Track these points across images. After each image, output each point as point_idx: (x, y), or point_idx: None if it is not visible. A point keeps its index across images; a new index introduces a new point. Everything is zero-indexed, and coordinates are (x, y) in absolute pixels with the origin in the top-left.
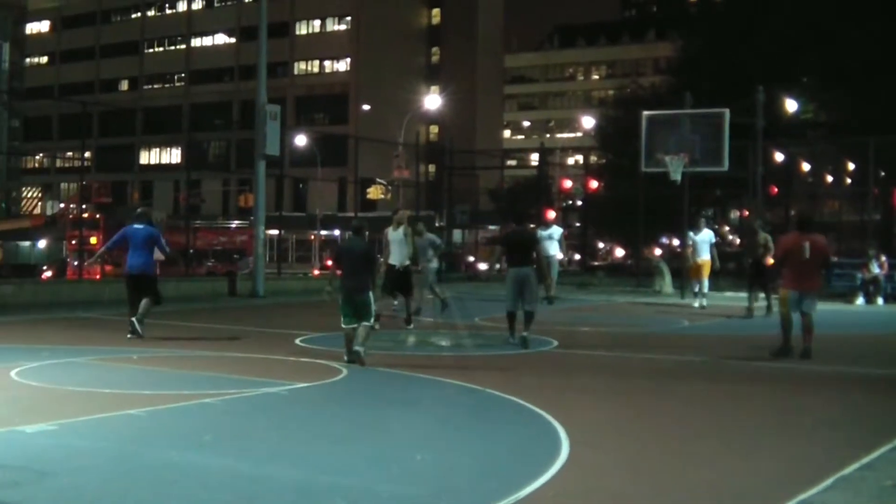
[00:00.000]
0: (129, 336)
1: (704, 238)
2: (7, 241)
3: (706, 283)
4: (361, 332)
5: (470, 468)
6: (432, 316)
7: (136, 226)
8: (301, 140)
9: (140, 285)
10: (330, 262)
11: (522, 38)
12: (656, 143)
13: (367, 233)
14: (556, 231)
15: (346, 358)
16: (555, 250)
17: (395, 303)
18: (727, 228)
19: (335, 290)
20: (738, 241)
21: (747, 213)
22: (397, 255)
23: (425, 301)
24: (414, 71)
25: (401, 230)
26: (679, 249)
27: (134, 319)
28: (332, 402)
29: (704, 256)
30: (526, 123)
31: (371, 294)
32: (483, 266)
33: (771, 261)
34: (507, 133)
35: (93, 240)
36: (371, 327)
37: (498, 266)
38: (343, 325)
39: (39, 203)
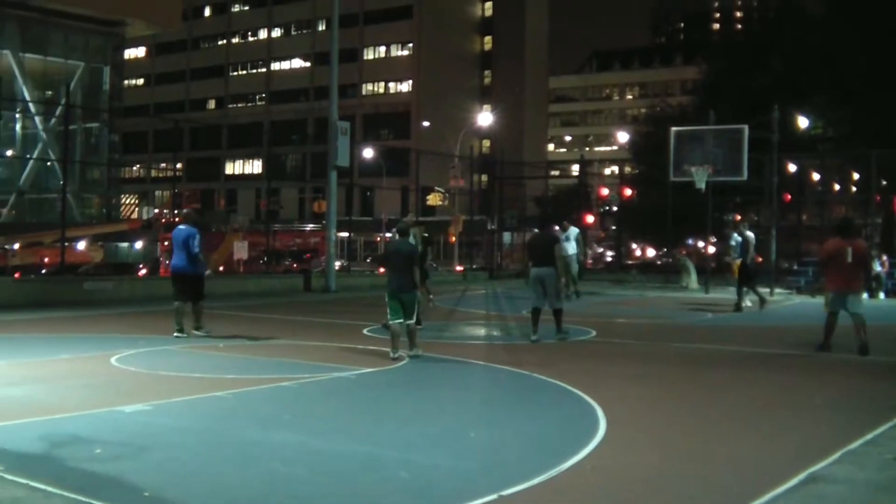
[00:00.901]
0: (175, 335)
1: (749, 240)
2: (108, 243)
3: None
4: (410, 335)
5: (518, 444)
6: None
7: (180, 227)
8: (368, 153)
9: (181, 283)
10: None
11: (565, 63)
12: (683, 156)
13: (413, 233)
14: (573, 232)
15: (391, 354)
16: (572, 250)
17: (432, 297)
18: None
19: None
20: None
21: (739, 217)
22: None
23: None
24: (468, 91)
25: (410, 234)
26: (703, 250)
27: (193, 330)
28: (395, 385)
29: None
30: (568, 138)
31: (416, 293)
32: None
33: (760, 259)
34: (550, 146)
35: None
36: (416, 325)
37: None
38: (389, 321)
39: (136, 209)
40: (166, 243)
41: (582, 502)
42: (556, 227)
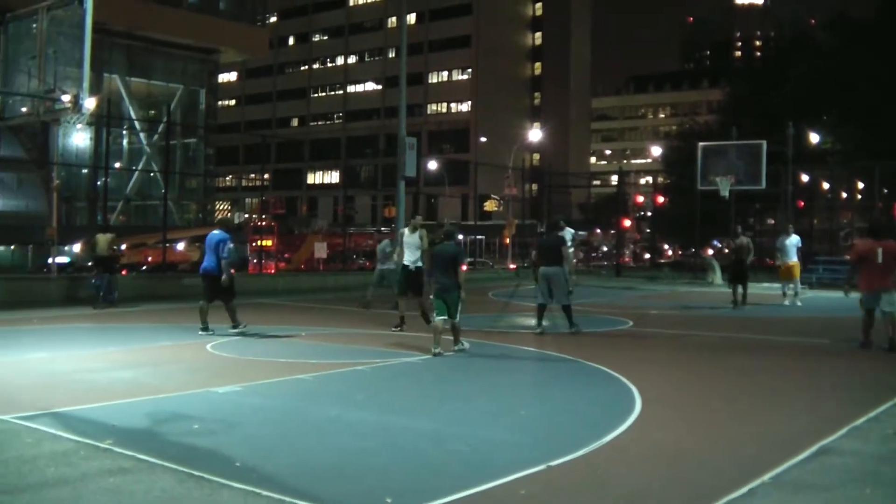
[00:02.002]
0: (199, 332)
1: (793, 242)
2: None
3: (797, 282)
4: (455, 331)
5: (564, 420)
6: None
7: (214, 232)
8: (432, 165)
9: (210, 284)
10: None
11: (605, 85)
12: (709, 167)
13: (459, 237)
14: (568, 233)
15: (433, 350)
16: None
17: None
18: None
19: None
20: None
21: (738, 227)
22: (410, 256)
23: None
24: (520, 111)
25: (417, 234)
26: (726, 250)
27: (230, 328)
28: (456, 369)
29: (793, 259)
30: (608, 152)
31: (459, 293)
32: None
33: (752, 258)
34: (593, 159)
35: (268, 242)
36: (456, 323)
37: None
38: (434, 318)
39: (229, 214)
40: (254, 244)
41: (621, 471)
42: (567, 229)
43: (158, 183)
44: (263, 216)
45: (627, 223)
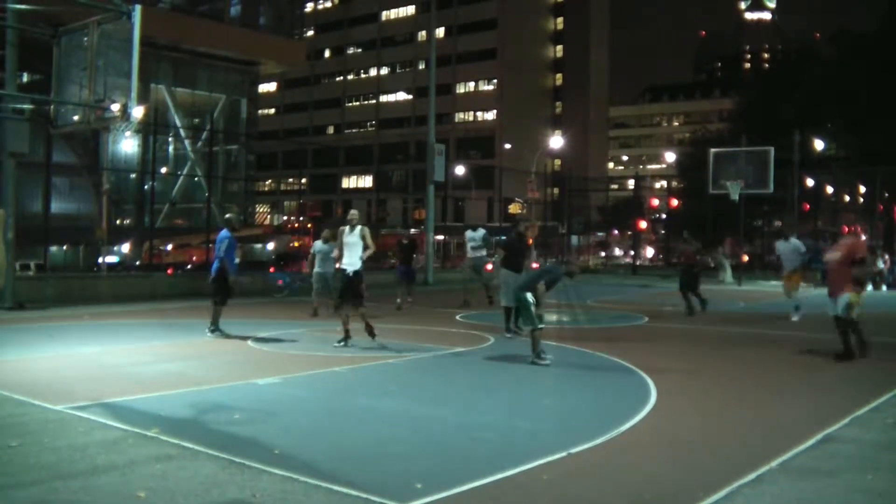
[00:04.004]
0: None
1: (790, 247)
2: (245, 244)
3: (796, 295)
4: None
5: (583, 409)
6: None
7: (221, 232)
8: (460, 170)
9: (214, 285)
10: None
11: (622, 95)
12: (720, 172)
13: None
14: (479, 233)
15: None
16: (480, 251)
17: (410, 299)
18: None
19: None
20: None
21: (685, 231)
22: (349, 257)
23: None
24: (542, 119)
25: (357, 231)
26: (736, 250)
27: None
28: (483, 362)
29: (793, 267)
30: (625, 158)
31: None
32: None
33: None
34: (611, 165)
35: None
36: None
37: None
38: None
39: (268, 216)
40: (293, 245)
41: (637, 458)
42: (480, 229)
43: (202, 187)
44: (301, 218)
45: (643, 225)
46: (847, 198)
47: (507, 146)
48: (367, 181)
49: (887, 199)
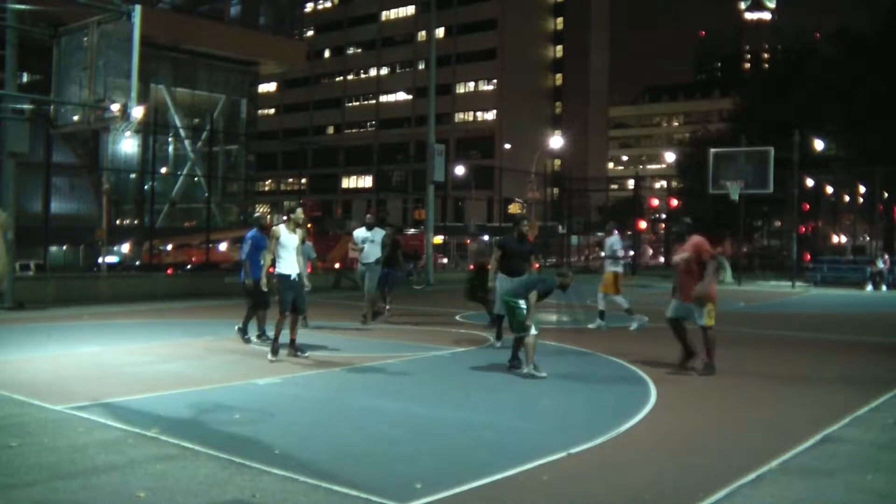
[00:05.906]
0: (236, 329)
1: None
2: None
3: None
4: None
5: (583, 409)
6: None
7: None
8: (460, 170)
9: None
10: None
11: (622, 95)
12: (720, 172)
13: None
14: (378, 234)
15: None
16: (373, 256)
17: (389, 307)
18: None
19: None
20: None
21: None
22: (290, 262)
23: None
24: (542, 119)
25: (298, 233)
26: (736, 250)
27: (236, 327)
28: (482, 362)
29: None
30: (625, 158)
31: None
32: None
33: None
34: (610, 165)
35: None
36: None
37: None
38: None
39: (268, 216)
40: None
41: (637, 458)
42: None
43: (202, 187)
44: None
45: (643, 225)
46: (847, 198)
47: (507, 146)
48: (366, 181)
49: (887, 199)
